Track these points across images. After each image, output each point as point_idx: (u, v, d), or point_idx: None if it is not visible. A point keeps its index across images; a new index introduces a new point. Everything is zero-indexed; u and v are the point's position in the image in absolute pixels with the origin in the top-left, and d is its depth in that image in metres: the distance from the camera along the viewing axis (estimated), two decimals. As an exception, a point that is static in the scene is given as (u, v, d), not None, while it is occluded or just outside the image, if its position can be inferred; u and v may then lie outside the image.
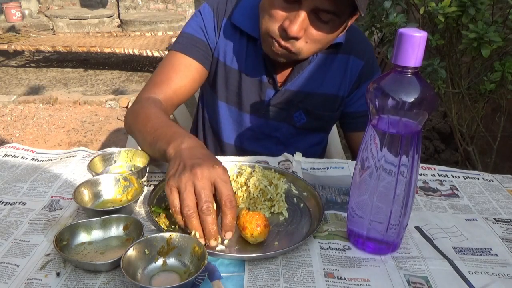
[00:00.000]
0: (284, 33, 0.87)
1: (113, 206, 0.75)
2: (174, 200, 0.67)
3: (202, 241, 0.66)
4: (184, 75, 1.01)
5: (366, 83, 1.10)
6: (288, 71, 1.05)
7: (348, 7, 0.85)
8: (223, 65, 1.06)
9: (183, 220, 0.67)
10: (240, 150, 1.14)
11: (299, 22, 0.84)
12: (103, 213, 0.72)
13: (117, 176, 0.81)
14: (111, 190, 0.81)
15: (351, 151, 1.22)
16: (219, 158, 0.97)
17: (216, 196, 0.68)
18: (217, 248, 0.68)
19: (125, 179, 0.81)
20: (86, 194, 0.78)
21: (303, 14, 0.84)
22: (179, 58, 1.02)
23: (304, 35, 0.88)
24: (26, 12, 6.59)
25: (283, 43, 0.89)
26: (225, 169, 0.69)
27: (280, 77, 1.06)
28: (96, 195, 0.79)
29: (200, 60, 1.03)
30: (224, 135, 1.14)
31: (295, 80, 1.05)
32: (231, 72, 1.06)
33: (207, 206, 0.65)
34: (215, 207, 0.67)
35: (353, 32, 1.07)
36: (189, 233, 0.66)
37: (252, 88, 1.06)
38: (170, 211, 0.68)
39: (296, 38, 0.88)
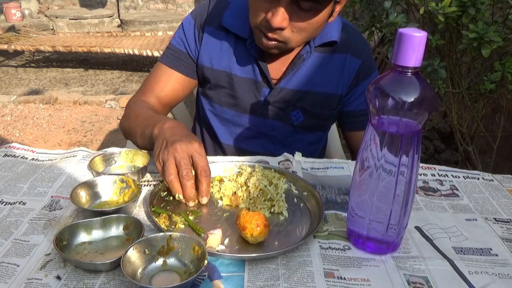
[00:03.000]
0: (269, 25, 0.89)
1: (110, 208, 0.74)
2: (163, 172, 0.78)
3: (190, 202, 0.78)
4: (165, 85, 1.10)
5: (364, 82, 1.10)
6: (282, 69, 1.06)
7: None
8: (210, 70, 1.09)
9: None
10: (239, 150, 1.14)
11: (281, 13, 0.87)
12: (102, 214, 0.72)
13: (114, 178, 0.81)
14: (108, 191, 0.81)
15: (351, 151, 1.22)
16: (219, 158, 0.98)
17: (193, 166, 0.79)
18: (217, 248, 0.68)
19: (122, 180, 0.81)
20: (83, 196, 0.78)
21: (283, 5, 0.86)
22: (162, 69, 1.11)
23: (289, 25, 0.90)
24: (26, 12, 6.59)
25: (270, 34, 0.92)
26: (201, 144, 0.81)
27: (275, 75, 1.07)
28: (93, 197, 0.79)
29: (181, 70, 1.10)
30: (221, 136, 1.15)
31: (290, 78, 1.05)
32: (221, 75, 1.08)
33: (186, 173, 0.76)
34: (193, 174, 0.78)
35: (350, 31, 1.08)
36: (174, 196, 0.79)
37: (246, 88, 1.07)
38: (165, 182, 0.80)
39: (281, 29, 0.90)
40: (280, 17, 0.87)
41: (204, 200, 0.79)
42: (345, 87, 1.09)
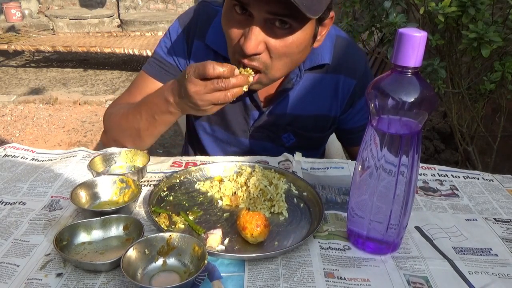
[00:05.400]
0: (243, 51, 0.81)
1: (110, 208, 0.75)
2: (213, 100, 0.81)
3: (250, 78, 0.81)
4: None
5: (360, 100, 1.06)
6: (271, 92, 1.02)
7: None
8: None
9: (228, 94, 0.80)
10: None
11: (254, 36, 0.79)
12: (101, 214, 0.72)
13: (114, 178, 0.81)
14: (108, 191, 0.81)
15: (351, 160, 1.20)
16: (219, 158, 0.98)
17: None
18: (217, 248, 0.68)
19: (122, 180, 0.81)
20: (83, 196, 0.78)
21: (257, 27, 0.78)
22: (147, 80, 1.04)
23: (265, 50, 0.82)
24: (26, 12, 6.59)
25: (246, 61, 0.83)
26: (189, 70, 0.80)
27: (264, 98, 1.03)
28: (93, 197, 0.79)
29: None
30: (211, 152, 1.13)
31: (280, 102, 1.01)
32: None
33: (217, 83, 0.78)
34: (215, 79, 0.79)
35: (343, 48, 1.02)
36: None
37: (236, 109, 1.03)
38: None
39: (256, 55, 0.82)
40: (253, 41, 0.78)
41: (251, 79, 0.81)
42: (339, 108, 1.06)
